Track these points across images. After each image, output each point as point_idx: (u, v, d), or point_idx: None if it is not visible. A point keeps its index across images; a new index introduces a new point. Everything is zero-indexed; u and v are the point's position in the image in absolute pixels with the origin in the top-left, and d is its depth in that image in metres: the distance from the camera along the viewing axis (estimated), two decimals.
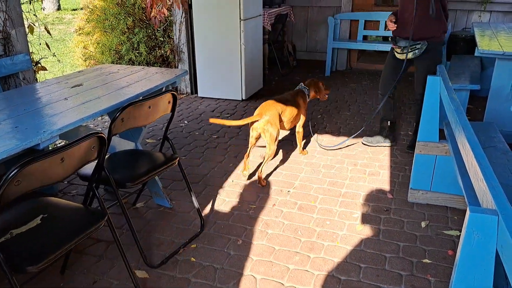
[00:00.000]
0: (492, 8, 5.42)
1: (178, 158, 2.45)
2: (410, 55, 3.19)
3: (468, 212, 1.27)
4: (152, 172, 2.28)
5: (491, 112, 3.48)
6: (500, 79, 3.36)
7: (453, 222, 2.54)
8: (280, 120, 3.07)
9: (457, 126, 1.90)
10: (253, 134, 3.01)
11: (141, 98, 2.22)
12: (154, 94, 2.42)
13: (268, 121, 2.93)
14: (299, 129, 3.38)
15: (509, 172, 2.15)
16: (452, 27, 5.62)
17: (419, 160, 2.68)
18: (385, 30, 5.73)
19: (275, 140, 2.98)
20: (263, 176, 3.06)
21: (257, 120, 2.96)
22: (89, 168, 2.06)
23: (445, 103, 2.30)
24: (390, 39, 3.47)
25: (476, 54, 3.37)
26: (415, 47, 3.16)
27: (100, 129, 4.02)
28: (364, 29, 5.87)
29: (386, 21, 3.40)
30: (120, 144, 2.68)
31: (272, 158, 3.28)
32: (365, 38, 6.17)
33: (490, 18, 5.49)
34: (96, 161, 1.94)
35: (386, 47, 5.69)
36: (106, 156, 2.32)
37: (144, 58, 4.93)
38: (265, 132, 2.94)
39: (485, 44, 3.54)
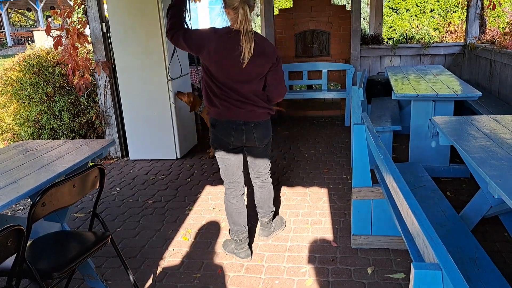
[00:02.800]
0: (401, 52, 5.95)
1: (110, 236, 2.27)
2: None
3: (412, 269, 1.27)
4: (82, 256, 2.08)
5: (415, 150, 3.71)
6: (418, 119, 3.61)
7: (397, 265, 2.57)
8: None
9: (387, 175, 1.96)
10: None
11: (63, 177, 2.06)
12: (79, 170, 2.27)
13: None
14: None
15: (441, 211, 2.25)
16: (368, 72, 6.05)
17: (357, 205, 2.73)
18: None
19: None
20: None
21: None
22: (8, 261, 1.83)
23: (373, 151, 2.39)
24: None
25: (393, 97, 3.62)
26: None
27: (22, 213, 3.69)
28: (289, 79, 6.12)
29: None
30: (44, 227, 2.45)
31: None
32: (291, 87, 6.43)
33: (400, 62, 6.00)
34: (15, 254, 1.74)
35: (313, 95, 5.97)
36: (28, 243, 2.10)
37: (67, 126, 4.69)
38: None
39: (400, 87, 3.81)
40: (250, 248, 2.82)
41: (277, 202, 3.51)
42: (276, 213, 3.25)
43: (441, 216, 2.30)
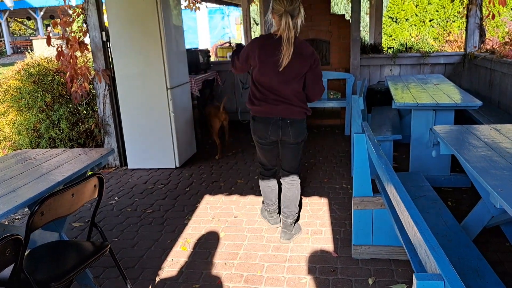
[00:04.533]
0: (401, 62, 5.96)
1: (108, 246, 2.25)
2: None
3: (414, 280, 1.25)
4: (80, 266, 2.06)
5: (415, 159, 3.69)
6: (418, 128, 3.60)
7: (398, 275, 2.54)
8: None
9: (389, 185, 1.95)
10: None
11: (62, 186, 2.05)
12: (78, 179, 2.25)
13: None
14: None
15: (442, 221, 2.23)
16: (368, 81, 6.06)
17: (357, 215, 2.71)
18: None
19: None
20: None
21: None
22: (6, 271, 1.80)
23: (374, 160, 2.37)
24: None
25: (393, 106, 3.61)
26: None
27: (19, 222, 3.66)
28: None
29: None
30: (42, 236, 2.43)
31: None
32: None
33: (400, 71, 6.01)
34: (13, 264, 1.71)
35: (312, 104, 5.96)
36: (26, 253, 2.07)
37: (66, 135, 4.67)
38: None
39: (400, 96, 3.81)
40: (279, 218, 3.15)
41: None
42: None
43: (442, 226, 2.28)
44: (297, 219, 3.24)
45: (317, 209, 3.49)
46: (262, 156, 3.04)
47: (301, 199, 3.68)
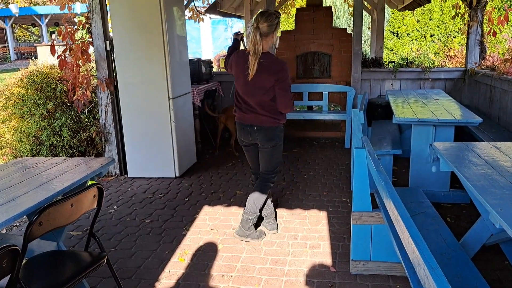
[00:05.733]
0: (402, 76, 5.99)
1: (106, 257, 2.24)
2: None
3: None
4: (77, 277, 2.04)
5: (415, 174, 3.69)
6: (418, 144, 3.61)
7: None
8: None
9: (388, 201, 1.95)
10: None
11: (61, 196, 2.05)
12: (77, 189, 2.25)
13: None
14: None
15: (441, 239, 2.22)
16: (369, 95, 6.08)
17: (356, 230, 2.70)
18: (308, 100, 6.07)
19: None
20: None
21: None
22: (2, 281, 1.80)
23: (374, 176, 2.38)
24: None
25: (394, 121, 3.62)
26: None
27: (17, 230, 3.65)
28: None
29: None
30: (39, 245, 2.42)
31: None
32: None
33: (401, 85, 6.03)
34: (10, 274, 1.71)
35: (313, 116, 5.99)
36: (23, 262, 2.06)
37: (67, 143, 4.68)
38: None
39: (400, 111, 3.83)
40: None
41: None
42: (256, 226, 3.32)
43: (441, 244, 2.28)
44: (256, 226, 3.35)
45: (316, 223, 3.48)
46: (247, 158, 3.32)
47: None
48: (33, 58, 6.92)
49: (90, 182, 2.44)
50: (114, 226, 3.57)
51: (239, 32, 3.30)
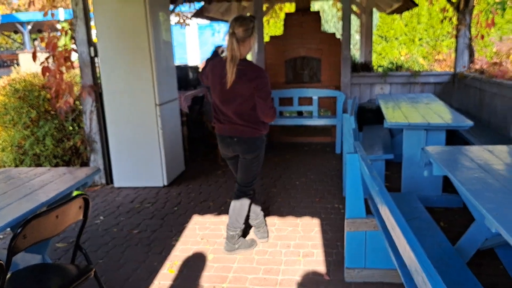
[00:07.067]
0: (391, 80, 5.99)
1: (94, 269, 2.15)
2: None
3: None
4: None
5: (407, 179, 3.66)
6: (410, 148, 3.58)
7: None
8: None
9: (383, 207, 1.90)
10: None
11: (46, 208, 1.96)
12: (62, 199, 2.16)
13: None
14: None
15: (436, 244, 2.18)
16: (359, 100, 6.06)
17: (350, 237, 2.64)
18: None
19: None
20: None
21: None
22: None
23: (367, 181, 2.33)
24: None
25: (385, 126, 3.59)
26: None
27: (1, 242, 3.52)
28: (279, 105, 6.11)
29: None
30: (24, 259, 2.33)
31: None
32: (281, 113, 6.40)
33: (391, 90, 6.03)
34: None
35: (303, 121, 5.95)
36: (7, 276, 1.97)
37: (51, 152, 4.55)
38: None
39: (391, 116, 3.80)
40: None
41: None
42: (245, 235, 3.28)
43: (437, 249, 2.23)
44: (245, 235, 3.30)
45: (308, 230, 3.42)
46: (231, 169, 3.17)
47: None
48: (15, 65, 6.77)
49: (75, 193, 2.36)
50: (101, 237, 3.46)
51: (221, 45, 3.13)
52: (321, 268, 2.86)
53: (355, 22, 10.21)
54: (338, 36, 6.17)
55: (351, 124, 3.51)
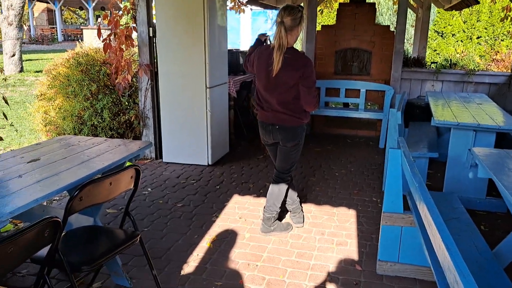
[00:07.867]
0: (444, 78, 5.81)
1: (139, 236, 2.33)
2: None
3: None
4: (111, 252, 2.14)
5: (451, 179, 3.60)
6: (456, 148, 3.51)
7: None
8: None
9: (421, 204, 1.92)
10: None
11: (100, 175, 2.14)
12: (116, 169, 2.34)
13: None
14: None
15: (474, 246, 2.17)
16: (408, 95, 5.94)
17: (385, 231, 2.67)
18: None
19: None
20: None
21: None
22: (43, 250, 1.91)
23: (408, 178, 2.35)
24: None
25: (432, 123, 3.54)
26: None
27: (57, 203, 3.83)
28: (326, 96, 6.10)
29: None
30: (78, 220, 2.53)
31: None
32: (326, 104, 6.40)
33: (442, 87, 5.86)
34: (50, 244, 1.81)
35: (348, 113, 5.92)
36: (62, 234, 2.17)
37: (107, 124, 4.85)
38: None
39: (440, 114, 3.73)
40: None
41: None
42: (281, 218, 3.36)
43: (473, 252, 2.23)
44: (281, 219, 3.40)
45: (344, 220, 3.47)
46: (270, 156, 3.27)
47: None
48: (79, 40, 7.16)
49: (128, 164, 2.54)
50: (147, 208, 3.69)
51: (265, 33, 3.20)
52: (354, 258, 2.91)
53: (410, 16, 9.89)
54: (392, 29, 6.05)
55: (397, 119, 3.49)
